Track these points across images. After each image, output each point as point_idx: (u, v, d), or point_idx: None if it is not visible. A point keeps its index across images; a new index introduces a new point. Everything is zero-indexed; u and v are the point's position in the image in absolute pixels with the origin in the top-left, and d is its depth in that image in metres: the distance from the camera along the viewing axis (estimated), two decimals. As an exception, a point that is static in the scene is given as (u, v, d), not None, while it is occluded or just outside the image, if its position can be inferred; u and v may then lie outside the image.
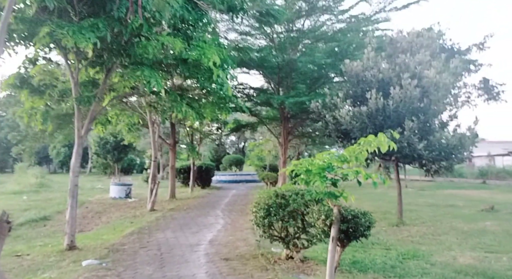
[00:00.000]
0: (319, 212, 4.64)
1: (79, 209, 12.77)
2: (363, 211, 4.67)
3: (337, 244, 4.58)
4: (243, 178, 25.59)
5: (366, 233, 4.53)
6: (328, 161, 4.59)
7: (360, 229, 4.49)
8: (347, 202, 4.53)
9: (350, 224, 4.44)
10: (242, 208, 12.16)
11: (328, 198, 4.54)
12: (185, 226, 8.96)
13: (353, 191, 4.62)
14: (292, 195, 5.82)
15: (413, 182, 24.08)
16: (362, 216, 4.56)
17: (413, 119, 8.62)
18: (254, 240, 7.40)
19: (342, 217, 4.53)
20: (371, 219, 4.64)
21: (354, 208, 4.66)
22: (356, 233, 4.48)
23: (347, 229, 4.48)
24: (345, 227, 4.42)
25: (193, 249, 6.79)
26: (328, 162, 4.58)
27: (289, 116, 14.76)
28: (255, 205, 6.06)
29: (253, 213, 6.04)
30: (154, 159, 12.49)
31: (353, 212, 4.54)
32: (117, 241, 7.32)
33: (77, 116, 7.80)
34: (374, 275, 5.36)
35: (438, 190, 19.24)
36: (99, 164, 33.27)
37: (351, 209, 4.60)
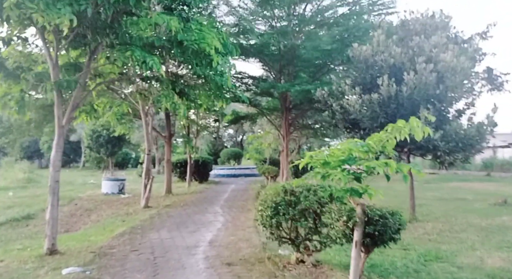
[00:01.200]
0: (339, 212, 3.92)
1: (68, 206, 12.01)
2: (391, 210, 3.96)
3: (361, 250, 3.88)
4: (242, 172, 24.87)
5: (395, 236, 3.83)
6: (349, 152, 3.86)
7: (389, 232, 3.79)
8: (371, 199, 3.81)
9: (377, 226, 3.73)
10: (243, 204, 11.44)
11: (350, 196, 3.82)
12: (182, 225, 8.23)
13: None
14: (303, 191, 5.09)
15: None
16: (391, 216, 3.86)
17: (429, 107, 7.91)
18: (258, 240, 6.69)
19: (367, 218, 3.82)
20: (401, 220, 3.93)
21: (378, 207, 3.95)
22: (383, 237, 3.78)
23: (374, 232, 3.77)
24: (371, 230, 3.71)
25: (191, 251, 6.07)
26: (349, 153, 3.85)
27: (291, 106, 13.99)
28: (261, 203, 5.33)
29: (259, 212, 5.31)
30: (147, 152, 11.70)
31: (379, 212, 3.83)
32: (106, 243, 6.57)
33: (56, 103, 6.98)
34: (399, 282, 4.68)
35: (443, 182, 18.66)
36: (92, 158, 32.33)
37: (376, 208, 3.89)
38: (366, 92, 8.83)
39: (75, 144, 35.99)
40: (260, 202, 5.39)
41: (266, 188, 5.67)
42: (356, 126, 9.29)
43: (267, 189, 5.56)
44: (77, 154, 38.25)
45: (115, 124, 10.69)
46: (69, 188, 16.84)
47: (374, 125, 8.84)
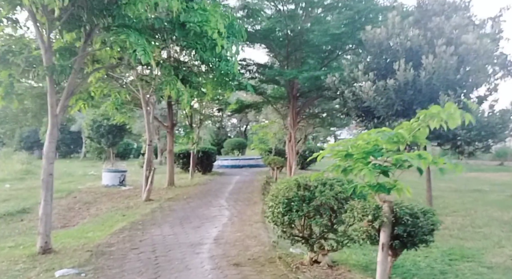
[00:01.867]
0: (363, 210, 3.41)
1: (66, 199, 11.61)
2: (423, 208, 3.46)
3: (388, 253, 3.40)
4: (246, 162, 24.38)
5: (428, 238, 3.33)
6: (374, 142, 3.34)
7: (421, 233, 3.29)
8: (400, 196, 3.31)
9: (407, 226, 3.23)
10: (249, 196, 10.99)
11: (376, 192, 3.32)
12: (185, 220, 7.79)
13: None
14: (318, 186, 4.61)
15: None
16: (422, 215, 3.36)
17: (449, 93, 7.34)
18: (267, 237, 6.24)
19: (395, 217, 3.32)
20: (435, 220, 3.43)
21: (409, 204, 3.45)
22: (414, 239, 3.28)
23: (403, 234, 3.28)
24: (401, 231, 3.22)
25: (195, 250, 5.62)
26: (374, 143, 3.34)
27: (298, 94, 13.40)
28: (272, 199, 4.84)
29: (269, 208, 4.84)
30: (149, 143, 11.22)
31: (409, 210, 3.33)
32: (104, 240, 6.13)
33: (49, 90, 6.48)
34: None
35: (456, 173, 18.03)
36: (92, 148, 31.94)
37: (406, 206, 3.39)
38: (381, 78, 8.27)
39: (76, 134, 35.56)
40: (271, 197, 4.91)
41: (277, 182, 5.18)
42: (370, 115, 8.75)
43: (278, 183, 5.07)
44: (78, 144, 37.85)
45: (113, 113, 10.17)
46: (68, 179, 16.46)
47: (389, 113, 8.31)
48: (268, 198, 4.98)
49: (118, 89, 9.27)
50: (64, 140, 37.36)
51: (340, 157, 3.48)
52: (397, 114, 8.27)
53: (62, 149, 38.51)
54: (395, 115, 8.27)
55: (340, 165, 3.53)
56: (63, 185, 14.49)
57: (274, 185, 5.14)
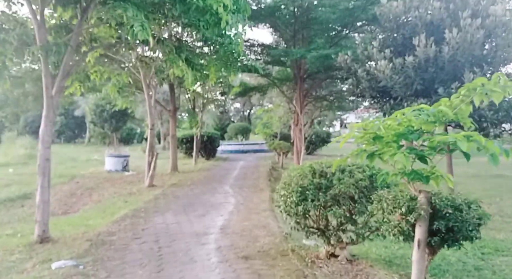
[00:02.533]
0: (395, 201, 2.99)
1: (68, 184, 11.32)
2: (466, 199, 3.02)
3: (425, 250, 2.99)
4: (250, 147, 24.00)
5: (473, 234, 2.91)
6: (407, 123, 2.89)
7: (465, 229, 2.87)
8: (438, 186, 2.88)
9: (449, 221, 2.81)
10: (254, 183, 10.63)
11: (410, 181, 2.89)
12: (189, 207, 7.45)
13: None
14: (336, 173, 4.18)
15: None
16: (467, 207, 2.93)
17: (475, 70, 6.79)
18: (276, 227, 5.88)
19: (433, 210, 2.90)
20: (481, 213, 2.98)
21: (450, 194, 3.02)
22: (457, 235, 2.86)
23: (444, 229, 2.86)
24: (442, 226, 2.80)
25: (200, 240, 5.28)
26: (408, 124, 2.89)
27: (306, 76, 12.83)
28: (284, 187, 4.43)
29: (281, 197, 4.43)
30: (151, 127, 10.81)
31: (451, 202, 2.90)
32: (105, 228, 5.81)
33: (44, 70, 6.05)
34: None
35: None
36: (96, 133, 31.68)
37: (446, 197, 2.95)
38: (397, 56, 7.72)
39: (80, 119, 35.25)
40: (282, 185, 4.50)
41: (290, 168, 4.75)
42: (386, 95, 8.25)
43: (290, 170, 4.64)
44: (82, 129, 37.63)
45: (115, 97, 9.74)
46: (71, 164, 16.20)
47: (407, 93, 7.80)
48: (279, 186, 4.58)
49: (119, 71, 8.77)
50: (68, 125, 37.17)
51: (367, 140, 3.04)
52: (416, 94, 7.76)
53: (66, 134, 38.40)
54: (414, 95, 7.77)
55: (366, 150, 3.10)
56: (66, 170, 14.22)
57: (286, 172, 4.72)
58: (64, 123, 36.88)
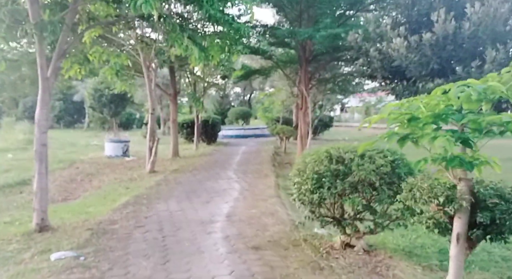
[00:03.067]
0: (431, 190, 2.68)
1: (68, 170, 11.04)
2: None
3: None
4: (251, 132, 23.66)
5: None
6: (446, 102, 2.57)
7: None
8: (481, 173, 2.58)
9: (494, 212, 2.51)
10: (258, 168, 10.36)
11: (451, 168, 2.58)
12: (193, 194, 7.19)
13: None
14: (355, 158, 3.87)
15: None
16: None
17: (498, 47, 6.41)
18: (286, 214, 5.63)
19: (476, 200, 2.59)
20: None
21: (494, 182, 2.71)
22: (504, 228, 2.55)
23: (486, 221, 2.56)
24: (487, 218, 2.50)
25: (206, 229, 5.02)
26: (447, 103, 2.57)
27: (311, 58, 12.36)
28: (297, 174, 4.14)
29: (295, 185, 4.15)
30: (151, 111, 10.45)
31: (497, 191, 2.59)
32: (106, 216, 5.54)
33: (38, 50, 5.69)
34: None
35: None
36: (95, 118, 31.25)
37: (491, 185, 2.64)
38: (412, 33, 7.32)
39: (78, 104, 34.75)
40: (296, 172, 4.20)
41: (304, 154, 4.44)
42: (399, 76, 7.90)
43: (304, 156, 4.33)
44: (81, 114, 37.14)
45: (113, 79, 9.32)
46: (71, 149, 15.89)
47: (422, 73, 7.43)
48: (292, 173, 4.28)
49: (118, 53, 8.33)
50: (67, 110, 36.71)
51: (401, 122, 2.72)
52: (432, 74, 7.40)
53: (65, 119, 38.00)
54: (430, 75, 7.40)
55: (398, 133, 2.78)
56: (65, 155, 13.92)
57: (299, 158, 4.42)
58: (63, 108, 36.40)
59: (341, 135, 25.21)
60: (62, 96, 36.05)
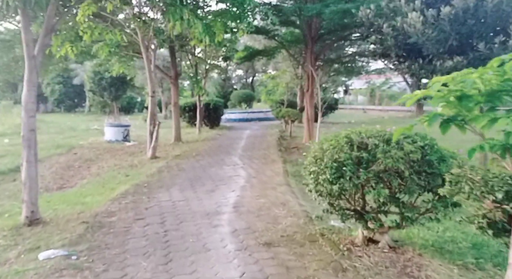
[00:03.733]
0: (485, 184, 2.20)
1: (66, 155, 10.63)
2: None
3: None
4: (254, 116, 23.10)
5: None
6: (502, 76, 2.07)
7: None
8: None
9: None
10: (264, 153, 9.90)
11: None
12: (197, 181, 6.76)
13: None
14: (379, 144, 3.38)
15: None
16: None
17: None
18: (297, 204, 5.19)
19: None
20: None
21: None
22: None
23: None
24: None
25: (212, 221, 4.60)
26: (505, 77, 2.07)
27: (318, 37, 11.67)
28: (314, 162, 3.66)
29: (311, 174, 3.67)
30: (151, 94, 9.90)
31: None
32: (103, 208, 5.13)
33: (24, 26, 5.16)
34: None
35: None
36: (96, 102, 30.71)
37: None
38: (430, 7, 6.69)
39: (79, 87, 34.13)
40: (312, 160, 3.72)
41: (321, 139, 3.94)
42: (414, 54, 7.30)
43: (322, 141, 3.83)
44: (82, 98, 36.60)
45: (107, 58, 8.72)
46: (70, 134, 15.47)
47: (440, 50, 6.83)
48: (308, 161, 3.80)
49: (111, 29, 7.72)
50: (67, 94, 36.16)
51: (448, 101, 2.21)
52: (450, 51, 6.80)
53: (66, 103, 37.49)
54: (449, 52, 6.80)
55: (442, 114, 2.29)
56: (64, 140, 13.52)
57: (315, 144, 3.91)
58: (63, 92, 35.84)
59: (347, 118, 24.63)
60: (62, 80, 35.42)
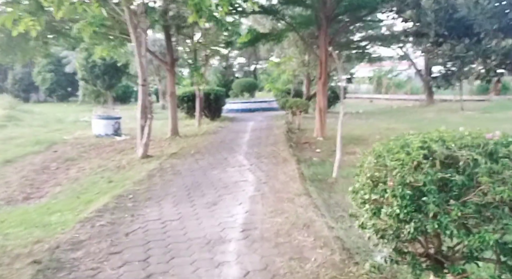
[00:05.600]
0: None
1: (44, 154, 9.36)
2: None
3: None
4: (258, 106, 21.74)
5: None
6: None
7: None
8: None
9: None
10: (273, 150, 8.62)
11: None
12: (195, 190, 5.50)
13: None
14: (480, 160, 2.11)
15: (460, 102, 19.83)
16: None
17: None
18: (326, 226, 3.94)
19: None
20: None
21: None
22: None
23: None
24: None
25: (215, 256, 3.36)
26: None
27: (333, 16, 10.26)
28: (369, 185, 2.38)
29: (364, 203, 2.41)
30: (142, 82, 8.57)
31: None
32: (69, 234, 3.87)
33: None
34: None
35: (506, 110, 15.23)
36: (89, 91, 29.24)
37: None
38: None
39: (71, 76, 32.57)
40: (367, 182, 2.43)
41: (374, 148, 2.63)
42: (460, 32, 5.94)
43: (375, 151, 2.54)
44: (75, 87, 35.08)
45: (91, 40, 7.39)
46: (55, 127, 14.15)
47: (494, 27, 5.49)
48: (359, 180, 2.52)
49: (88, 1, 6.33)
50: (59, 82, 34.63)
51: None
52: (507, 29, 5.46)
53: (58, 93, 36.01)
54: (505, 30, 5.46)
55: None
56: (46, 134, 12.22)
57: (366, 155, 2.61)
58: (54, 80, 34.28)
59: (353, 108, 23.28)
60: (53, 68, 33.85)
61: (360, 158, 2.64)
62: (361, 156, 2.64)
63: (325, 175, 6.50)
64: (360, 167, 2.54)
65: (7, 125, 13.68)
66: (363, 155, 2.60)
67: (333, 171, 6.38)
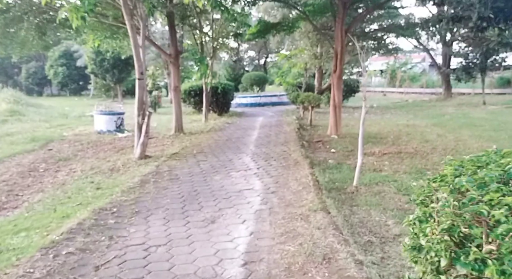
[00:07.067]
0: None
1: (37, 153, 8.68)
2: None
3: None
4: (268, 100, 20.81)
5: None
6: None
7: None
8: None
9: None
10: (283, 150, 7.74)
11: None
12: (191, 202, 4.68)
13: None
14: None
15: (480, 96, 18.46)
16: None
17: None
18: (351, 259, 3.06)
19: None
20: None
21: None
22: None
23: None
24: None
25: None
26: None
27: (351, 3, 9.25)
28: (445, 242, 1.48)
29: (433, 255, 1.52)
30: (139, 76, 7.77)
31: None
32: (22, 269, 3.09)
33: None
34: None
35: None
36: (99, 85, 28.80)
37: None
38: None
39: (83, 70, 32.21)
40: (429, 231, 1.54)
41: (448, 177, 1.73)
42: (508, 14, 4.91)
43: (453, 184, 1.63)
44: (87, 81, 34.83)
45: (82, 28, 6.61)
46: (58, 122, 13.56)
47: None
48: (424, 232, 1.63)
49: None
50: (71, 76, 34.42)
51: None
52: None
53: (71, 86, 35.87)
54: None
55: None
56: (46, 130, 11.62)
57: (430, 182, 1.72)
58: (66, 74, 34.07)
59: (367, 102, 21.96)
60: (65, 61, 33.61)
61: (416, 188, 1.75)
62: (419, 185, 1.75)
63: (343, 181, 5.61)
64: (422, 204, 1.65)
65: (8, 120, 13.15)
66: (426, 183, 1.70)
67: (354, 177, 5.49)
